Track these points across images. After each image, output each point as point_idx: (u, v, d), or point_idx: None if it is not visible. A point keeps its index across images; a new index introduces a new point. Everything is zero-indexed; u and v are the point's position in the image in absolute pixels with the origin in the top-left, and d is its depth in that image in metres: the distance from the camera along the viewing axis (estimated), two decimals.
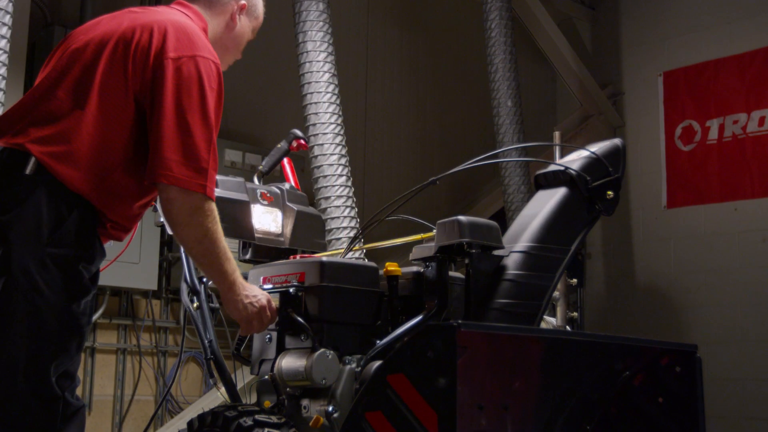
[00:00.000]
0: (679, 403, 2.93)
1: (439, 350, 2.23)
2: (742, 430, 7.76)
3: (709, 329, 7.96)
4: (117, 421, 6.01)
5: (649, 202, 8.60)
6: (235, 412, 2.84)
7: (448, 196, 8.06)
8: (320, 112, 5.41)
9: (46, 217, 2.60)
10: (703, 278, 8.21)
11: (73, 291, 2.66)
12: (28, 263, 2.56)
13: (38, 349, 2.60)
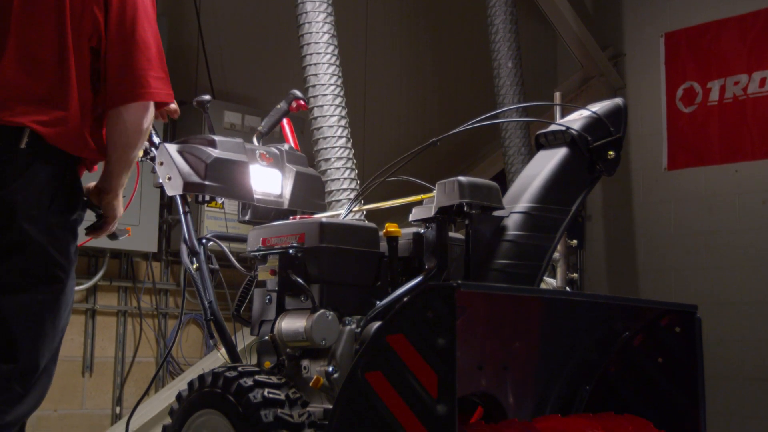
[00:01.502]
0: (679, 363, 2.94)
1: (439, 310, 2.23)
2: (741, 391, 7.80)
3: (709, 291, 7.97)
4: (118, 383, 6.03)
5: (649, 163, 8.58)
6: (235, 373, 2.84)
7: (449, 158, 8.04)
8: (320, 73, 5.37)
9: (45, 187, 2.62)
10: (703, 240, 8.21)
11: (75, 252, 2.73)
12: (38, 236, 2.60)
13: (59, 312, 2.69)
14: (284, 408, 2.74)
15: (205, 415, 2.90)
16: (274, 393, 2.78)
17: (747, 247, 7.97)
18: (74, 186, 2.73)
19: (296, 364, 3.05)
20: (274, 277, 3.10)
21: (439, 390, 2.19)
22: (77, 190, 2.75)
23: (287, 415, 2.73)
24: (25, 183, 2.59)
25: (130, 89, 2.69)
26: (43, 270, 2.62)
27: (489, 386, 2.87)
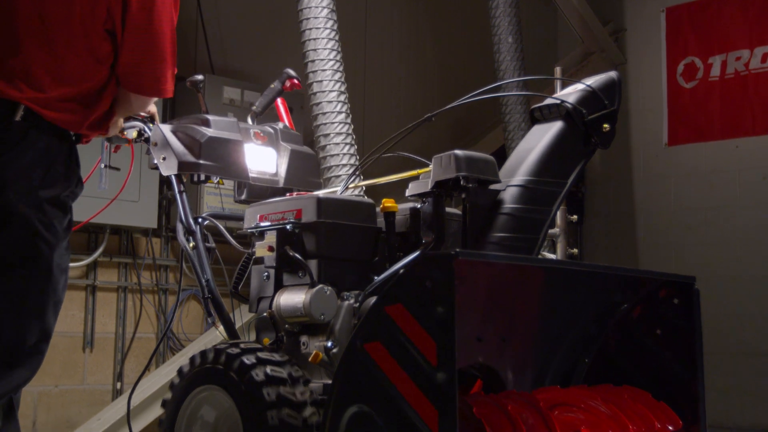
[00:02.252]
0: (677, 335, 2.94)
1: (438, 279, 2.23)
2: (739, 366, 7.82)
3: (709, 266, 7.98)
4: (119, 359, 6.05)
5: (649, 139, 8.56)
6: (237, 350, 2.84)
7: (449, 135, 8.02)
8: (319, 48, 5.35)
9: (38, 161, 2.62)
10: (703, 216, 8.21)
11: (66, 228, 2.72)
12: (25, 210, 2.59)
13: (42, 290, 2.67)
14: (286, 386, 2.74)
15: (206, 391, 2.91)
16: (277, 371, 2.77)
17: (747, 223, 7.97)
18: (70, 160, 2.73)
19: (295, 340, 3.06)
20: (272, 253, 3.10)
21: (438, 358, 2.19)
22: (73, 165, 2.74)
23: (290, 393, 2.73)
24: (17, 156, 2.59)
25: (146, 84, 2.81)
26: (28, 245, 2.61)
27: (488, 358, 2.88)
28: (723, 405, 7.66)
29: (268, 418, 2.67)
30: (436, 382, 2.18)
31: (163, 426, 3.01)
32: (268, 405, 2.69)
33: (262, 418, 2.68)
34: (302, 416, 2.72)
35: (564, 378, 3.07)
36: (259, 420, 2.68)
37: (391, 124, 7.33)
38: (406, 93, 8.03)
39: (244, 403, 2.75)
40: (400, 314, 2.28)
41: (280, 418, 2.68)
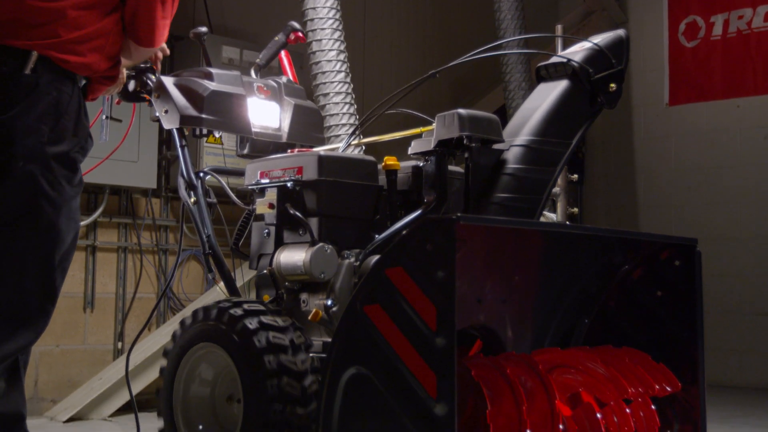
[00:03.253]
0: (678, 297, 2.93)
1: (438, 243, 2.21)
2: (739, 326, 7.84)
3: (709, 226, 7.98)
4: (119, 319, 6.06)
5: (650, 99, 8.53)
6: (240, 311, 2.81)
7: (449, 94, 7.98)
8: (318, 6, 5.30)
9: (46, 115, 2.59)
10: (704, 175, 8.19)
11: (74, 186, 2.69)
12: (30, 167, 2.56)
13: (46, 250, 2.64)
14: (288, 354, 2.72)
15: (206, 348, 2.91)
16: (279, 338, 2.75)
17: (748, 183, 7.96)
18: (79, 113, 2.70)
19: (295, 298, 3.05)
20: (273, 210, 3.08)
21: (438, 322, 2.18)
22: (82, 118, 2.71)
23: (291, 363, 2.72)
24: (25, 110, 2.55)
25: (141, 35, 2.81)
26: (30, 204, 2.57)
27: (488, 319, 2.87)
28: (722, 364, 7.69)
29: (268, 387, 2.66)
30: (435, 346, 2.18)
31: (163, 378, 3.01)
32: (269, 373, 2.68)
33: (262, 386, 2.67)
34: (302, 385, 2.71)
35: (564, 339, 3.07)
36: (259, 388, 2.68)
37: (390, 84, 7.28)
38: (406, 52, 7.97)
39: (245, 369, 2.74)
40: (400, 277, 2.27)
41: (279, 387, 2.67)
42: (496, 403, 2.38)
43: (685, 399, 2.84)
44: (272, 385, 2.67)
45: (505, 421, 2.38)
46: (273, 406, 2.66)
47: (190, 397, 2.97)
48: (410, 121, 3.35)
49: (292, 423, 2.67)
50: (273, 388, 2.67)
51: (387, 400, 2.26)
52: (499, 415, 2.38)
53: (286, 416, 2.66)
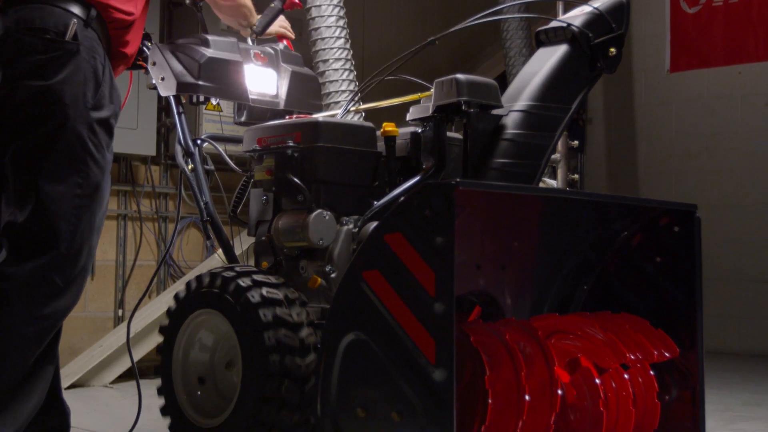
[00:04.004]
0: (677, 263, 2.93)
1: (437, 209, 2.21)
2: (739, 292, 7.85)
3: (710, 194, 7.97)
4: (120, 286, 6.07)
5: (651, 65, 8.48)
6: (233, 273, 2.84)
7: (449, 60, 7.94)
8: None
9: (89, 80, 2.68)
10: (705, 142, 8.18)
11: (110, 152, 2.80)
12: (81, 129, 2.66)
13: (94, 208, 2.75)
14: (282, 307, 2.74)
15: (203, 315, 2.91)
16: (273, 293, 2.78)
17: (749, 150, 7.94)
18: (112, 82, 2.79)
19: (294, 264, 3.05)
20: (271, 177, 3.07)
21: (437, 288, 2.18)
22: (115, 86, 2.80)
23: (286, 314, 2.74)
24: (71, 75, 2.65)
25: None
26: (82, 164, 2.67)
27: (487, 285, 2.87)
28: (721, 331, 7.71)
29: (265, 339, 2.68)
30: (433, 312, 2.18)
31: (162, 350, 3.02)
32: (265, 326, 2.69)
33: (259, 339, 2.68)
34: (299, 336, 2.73)
35: (563, 305, 3.07)
36: (256, 341, 2.69)
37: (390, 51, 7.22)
38: (405, 19, 7.93)
39: (241, 324, 2.75)
40: (399, 243, 2.27)
41: (277, 339, 2.69)
42: (495, 369, 2.38)
43: (684, 365, 2.84)
44: (269, 337, 2.69)
45: (503, 386, 2.39)
46: (271, 357, 2.67)
47: (189, 364, 2.98)
48: (409, 87, 3.34)
49: (292, 374, 2.68)
50: (270, 339, 2.69)
51: (386, 365, 2.26)
52: (497, 381, 2.38)
53: (285, 366, 2.67)
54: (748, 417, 4.67)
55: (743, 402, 5.19)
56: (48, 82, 2.61)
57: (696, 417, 2.84)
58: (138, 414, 3.52)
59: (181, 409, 2.94)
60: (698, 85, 8.26)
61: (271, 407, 2.66)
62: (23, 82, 2.63)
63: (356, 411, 2.30)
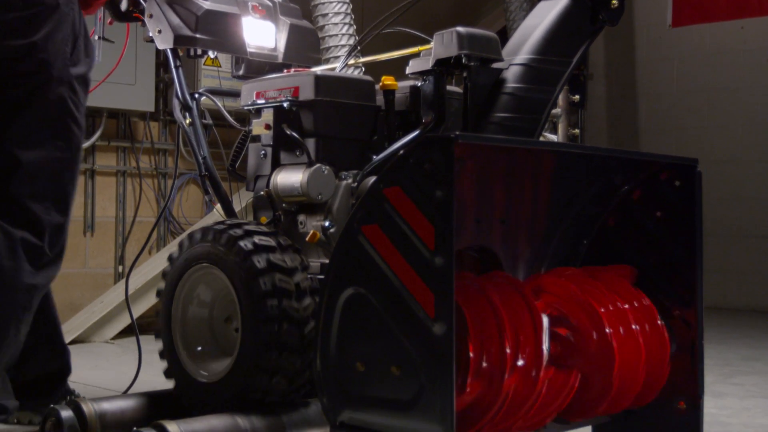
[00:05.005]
0: (678, 218, 2.92)
1: (437, 162, 2.18)
2: (739, 248, 7.86)
3: (711, 149, 7.95)
4: (120, 243, 6.08)
5: (653, 20, 8.42)
6: (224, 226, 2.84)
7: (450, 15, 7.88)
8: None
9: (67, 35, 2.64)
10: (706, 98, 8.14)
11: (85, 106, 2.78)
12: (62, 91, 2.64)
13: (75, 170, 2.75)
14: (276, 253, 2.74)
15: (200, 270, 2.91)
16: (265, 240, 2.78)
17: (750, 105, 7.91)
18: (87, 34, 2.75)
19: (292, 220, 3.04)
20: (269, 131, 3.05)
21: (436, 242, 2.17)
22: (89, 39, 2.77)
23: (280, 260, 2.74)
24: (53, 30, 2.59)
25: None
26: (65, 124, 2.63)
27: (486, 240, 2.86)
28: (721, 287, 7.73)
29: (261, 284, 2.68)
30: (433, 266, 2.16)
31: (161, 301, 3.02)
32: (259, 271, 2.69)
33: (255, 285, 2.68)
34: (294, 280, 2.73)
35: (563, 259, 3.06)
36: (251, 286, 2.69)
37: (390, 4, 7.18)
38: None
39: (235, 273, 2.75)
40: (398, 197, 2.25)
41: (272, 283, 2.69)
42: (477, 323, 2.38)
43: (683, 320, 2.84)
44: (265, 282, 2.69)
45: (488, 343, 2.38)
46: (268, 302, 2.68)
47: (189, 318, 2.98)
48: (409, 40, 3.30)
49: (290, 317, 2.69)
50: (266, 285, 2.69)
51: (385, 320, 2.26)
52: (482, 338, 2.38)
53: (283, 310, 2.68)
54: (747, 371, 4.69)
55: (742, 357, 5.21)
56: (30, 39, 2.55)
57: (695, 372, 2.84)
58: (138, 369, 3.54)
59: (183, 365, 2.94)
60: (700, 40, 8.20)
61: (271, 352, 2.66)
62: (3, 42, 2.57)
63: (356, 365, 2.30)
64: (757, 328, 6.72)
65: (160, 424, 2.48)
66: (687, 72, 8.29)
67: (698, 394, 2.84)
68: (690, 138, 8.17)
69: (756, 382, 4.36)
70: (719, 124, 8.04)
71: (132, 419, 2.82)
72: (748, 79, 7.95)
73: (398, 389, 2.21)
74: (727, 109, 8.02)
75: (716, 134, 8.03)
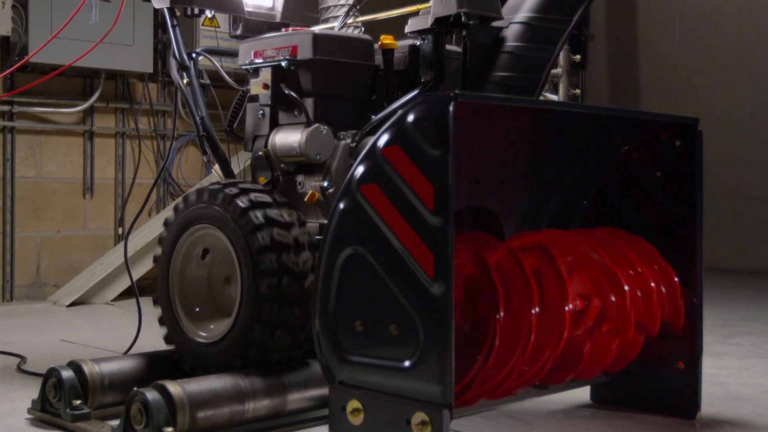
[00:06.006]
0: (678, 178, 2.91)
1: (436, 121, 2.17)
2: (740, 209, 7.85)
3: (712, 110, 7.91)
4: (119, 204, 6.07)
5: None
6: (219, 185, 2.83)
7: None
8: None
9: None
10: (708, 58, 8.09)
11: None
12: None
13: None
14: (273, 208, 2.74)
15: (198, 231, 2.90)
16: (261, 197, 2.78)
17: (751, 66, 7.86)
18: None
19: (291, 180, 3.03)
20: (267, 91, 3.03)
21: (435, 202, 2.16)
22: None
23: (277, 215, 2.74)
24: None
25: None
26: None
27: (486, 200, 2.85)
28: (721, 247, 7.73)
29: (259, 239, 2.68)
30: (432, 225, 2.16)
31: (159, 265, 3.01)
32: (257, 226, 2.70)
33: (253, 240, 2.69)
34: (292, 234, 2.74)
35: (562, 220, 3.05)
36: (249, 242, 2.69)
37: None
38: None
39: (233, 231, 2.74)
40: (397, 156, 2.24)
41: (270, 237, 2.69)
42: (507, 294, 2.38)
43: (683, 280, 2.84)
44: (263, 236, 2.70)
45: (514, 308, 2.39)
46: (266, 256, 2.68)
47: (187, 280, 2.98)
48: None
49: (289, 270, 2.70)
50: (264, 239, 2.69)
51: (384, 280, 2.25)
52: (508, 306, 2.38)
53: (282, 263, 2.69)
54: (745, 332, 4.70)
55: (741, 317, 5.22)
56: None
57: (694, 332, 2.85)
58: (138, 331, 3.54)
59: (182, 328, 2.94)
60: (702, 0, 8.14)
61: (272, 305, 2.66)
62: None
63: (354, 325, 2.30)
64: (756, 290, 6.73)
65: (160, 385, 2.48)
66: (689, 32, 8.23)
67: (697, 354, 2.85)
68: (692, 98, 8.13)
69: (755, 343, 4.37)
70: (721, 85, 8.00)
71: (133, 379, 2.83)
72: (751, 39, 7.89)
73: (397, 349, 2.21)
74: (729, 69, 7.98)
75: (718, 94, 8.00)
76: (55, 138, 5.79)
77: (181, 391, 2.48)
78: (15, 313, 5.21)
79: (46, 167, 5.74)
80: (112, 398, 2.82)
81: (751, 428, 2.82)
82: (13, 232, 5.60)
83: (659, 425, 2.82)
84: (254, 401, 2.61)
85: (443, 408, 2.11)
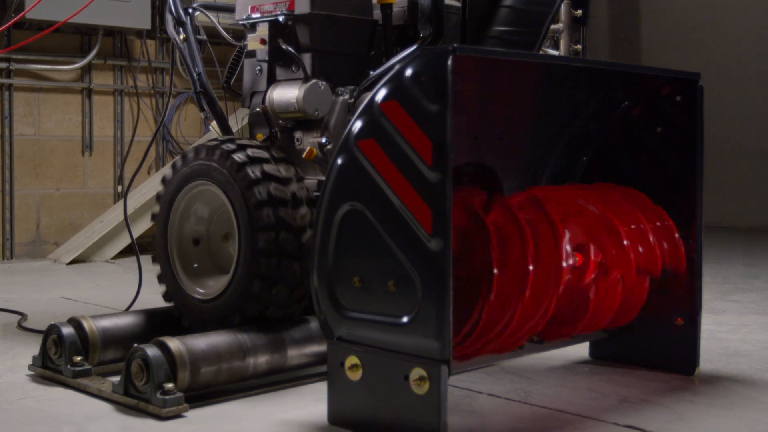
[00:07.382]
0: (679, 133, 2.89)
1: (434, 76, 2.15)
2: (739, 167, 7.84)
3: (715, 67, 7.86)
4: (119, 162, 6.05)
5: None
6: (216, 142, 2.82)
7: None
8: None
9: None
10: (710, 15, 8.03)
11: None
12: None
13: None
14: (270, 164, 2.73)
15: (196, 187, 2.89)
16: (258, 152, 2.76)
17: (754, 23, 7.80)
18: None
19: (289, 136, 3.02)
20: (264, 46, 3.01)
21: (433, 157, 2.14)
22: None
23: (274, 170, 2.72)
24: None
25: None
26: None
27: (485, 156, 2.83)
28: (721, 205, 7.72)
29: (256, 193, 2.67)
30: (430, 181, 2.14)
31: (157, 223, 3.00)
32: (254, 181, 2.69)
33: (250, 194, 2.68)
34: (290, 190, 2.73)
35: (562, 176, 3.04)
36: (247, 197, 2.69)
37: None
38: None
39: (230, 186, 2.73)
40: (395, 111, 2.22)
41: (267, 192, 2.69)
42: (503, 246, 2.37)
43: (683, 237, 2.83)
44: (260, 191, 2.69)
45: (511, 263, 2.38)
46: (264, 210, 2.68)
47: (185, 237, 2.97)
48: None
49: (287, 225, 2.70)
50: (261, 194, 2.69)
51: (382, 236, 2.24)
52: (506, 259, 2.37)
53: (279, 218, 2.69)
54: (745, 289, 4.70)
55: (741, 275, 5.22)
56: None
57: (693, 288, 2.85)
58: (138, 288, 3.55)
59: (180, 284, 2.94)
60: None
61: (270, 260, 2.66)
62: None
63: (352, 281, 2.29)
64: (756, 246, 6.73)
65: (160, 341, 2.48)
66: None
67: (696, 310, 2.85)
68: (692, 55, 8.07)
69: (754, 299, 4.37)
70: (722, 41, 7.94)
71: (133, 336, 2.84)
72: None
73: (395, 305, 2.21)
74: (731, 27, 7.92)
75: (719, 51, 7.94)
76: (53, 95, 5.76)
77: (182, 347, 2.48)
78: (15, 270, 5.22)
79: (44, 125, 5.72)
80: (112, 355, 2.83)
81: (750, 383, 2.83)
82: (13, 190, 5.59)
83: (658, 381, 2.83)
84: (255, 357, 2.62)
85: (441, 363, 2.11)
